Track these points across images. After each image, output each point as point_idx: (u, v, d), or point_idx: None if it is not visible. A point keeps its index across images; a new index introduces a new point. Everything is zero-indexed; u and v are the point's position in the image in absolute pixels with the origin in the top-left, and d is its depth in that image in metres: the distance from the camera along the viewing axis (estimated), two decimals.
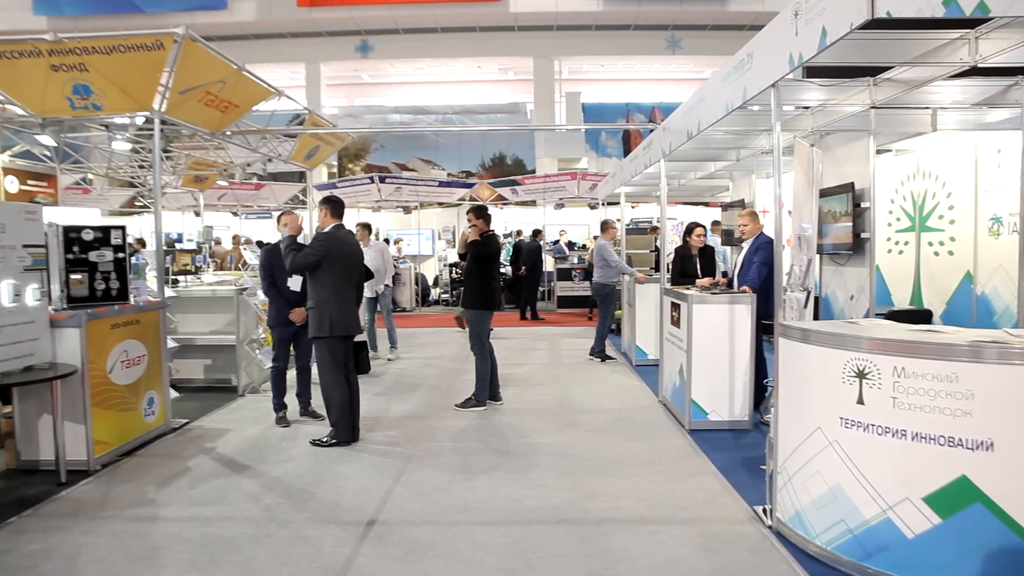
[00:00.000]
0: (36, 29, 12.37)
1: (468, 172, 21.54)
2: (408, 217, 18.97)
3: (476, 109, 22.20)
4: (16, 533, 4.11)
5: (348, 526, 4.15)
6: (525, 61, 21.34)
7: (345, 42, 20.78)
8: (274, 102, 8.01)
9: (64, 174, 9.93)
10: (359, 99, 23.76)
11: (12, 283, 4.74)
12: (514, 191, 17.14)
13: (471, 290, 6.87)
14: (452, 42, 20.72)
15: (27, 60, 6.18)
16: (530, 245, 15.32)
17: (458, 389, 7.79)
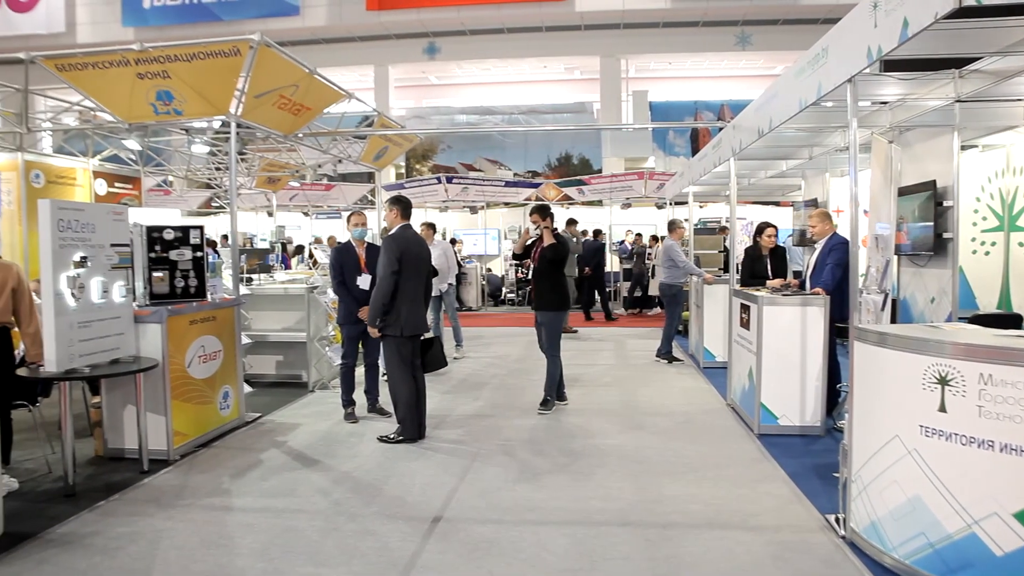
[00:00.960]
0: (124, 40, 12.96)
1: (534, 172, 21.54)
2: (474, 217, 19.11)
3: (542, 109, 22.18)
4: (104, 516, 4.33)
5: (414, 522, 4.20)
6: (591, 60, 21.21)
7: (413, 44, 21.05)
8: (344, 104, 8.18)
9: (147, 176, 10.38)
10: (426, 100, 24.04)
11: (101, 280, 4.99)
12: (580, 191, 17.07)
13: (546, 291, 6.71)
14: (518, 42, 20.75)
15: (116, 69, 6.49)
16: (592, 245, 15.22)
17: (524, 388, 7.82)
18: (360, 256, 6.53)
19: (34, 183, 7.62)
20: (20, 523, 4.19)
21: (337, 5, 19.84)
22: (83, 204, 6.74)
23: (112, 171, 9.15)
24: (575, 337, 12.01)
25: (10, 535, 4.03)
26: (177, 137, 10.26)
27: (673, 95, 22.33)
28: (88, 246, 4.90)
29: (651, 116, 20.58)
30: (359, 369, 6.78)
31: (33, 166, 7.70)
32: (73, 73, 6.70)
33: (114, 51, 6.42)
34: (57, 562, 3.73)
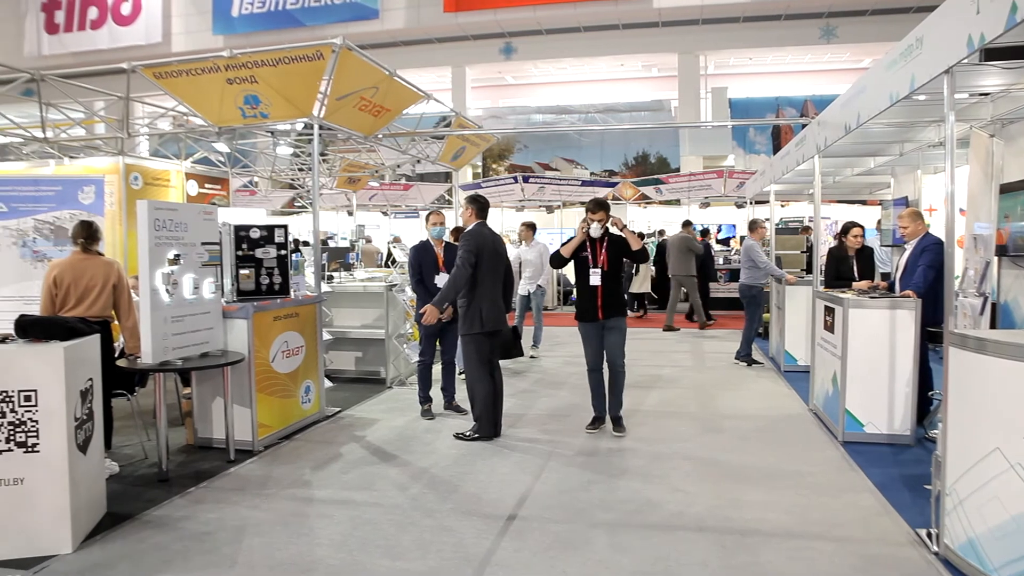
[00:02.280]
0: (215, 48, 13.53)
1: (611, 171, 21.38)
2: (551, 216, 19.10)
3: (619, 107, 22.00)
4: (195, 502, 4.53)
5: (489, 519, 4.23)
6: (669, 57, 20.89)
7: (489, 45, 21.21)
8: (423, 105, 8.31)
9: (235, 178, 10.80)
10: (503, 100, 24.18)
11: (193, 277, 5.22)
12: (658, 190, 16.84)
13: (617, 294, 6.02)
14: (595, 41, 20.62)
15: (207, 76, 6.77)
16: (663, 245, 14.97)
17: None
18: (438, 255, 6.62)
19: (133, 185, 8.03)
20: (121, 504, 4.44)
21: (415, 8, 20.18)
22: (177, 204, 7.08)
23: (202, 173, 9.55)
24: (651, 337, 11.84)
25: (112, 515, 4.29)
26: (263, 139, 10.64)
27: (753, 91, 21.78)
28: (181, 244, 5.14)
29: (731, 113, 20.13)
30: (436, 366, 6.87)
31: (132, 169, 8.12)
32: (169, 80, 7.03)
33: (205, 58, 6.70)
34: (153, 542, 3.93)
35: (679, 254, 12.74)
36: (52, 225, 6.41)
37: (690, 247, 12.67)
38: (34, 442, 3.72)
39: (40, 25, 22.49)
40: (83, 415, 4.00)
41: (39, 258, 6.34)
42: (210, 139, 9.15)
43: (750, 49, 20.63)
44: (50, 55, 22.10)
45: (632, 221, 19.31)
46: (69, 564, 3.69)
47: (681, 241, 12.79)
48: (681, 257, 12.63)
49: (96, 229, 5.25)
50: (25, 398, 3.71)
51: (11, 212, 6.12)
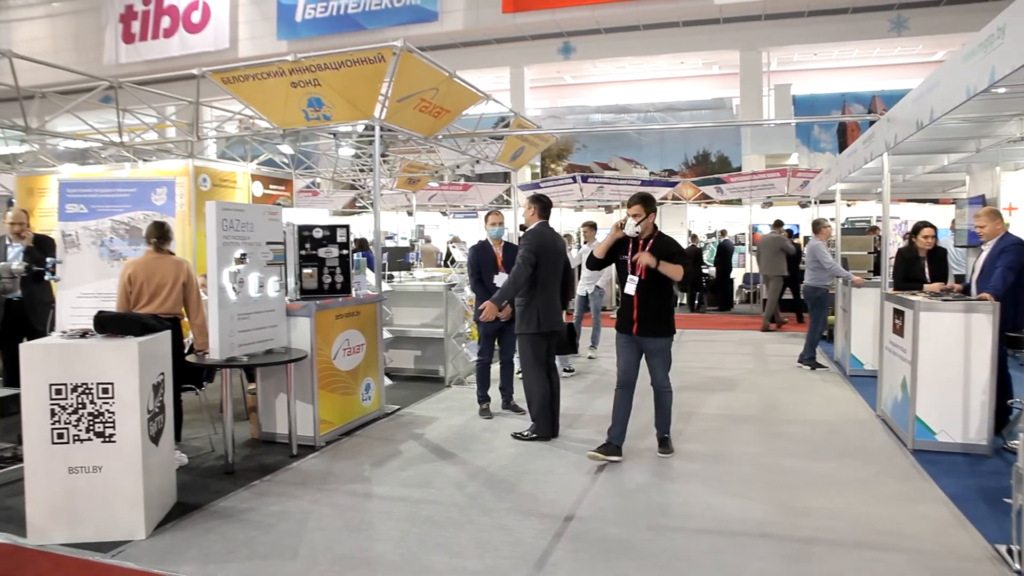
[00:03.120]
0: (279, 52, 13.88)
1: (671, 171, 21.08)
2: (610, 216, 18.96)
3: (679, 106, 21.68)
4: (259, 495, 4.65)
5: (546, 519, 4.22)
6: (731, 54, 20.48)
7: (548, 45, 21.17)
8: (481, 106, 8.35)
9: (298, 179, 11.05)
10: (561, 100, 24.11)
11: (258, 276, 5.36)
12: (719, 189, 16.55)
13: (658, 309, 5.28)
14: (654, 39, 20.37)
15: (272, 80, 6.94)
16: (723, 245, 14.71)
17: None
18: (497, 255, 6.65)
19: (201, 186, 8.29)
20: (189, 495, 4.60)
21: (474, 9, 20.29)
22: (243, 205, 7.28)
23: (267, 174, 9.79)
24: (712, 339, 11.64)
25: (182, 504, 4.46)
26: (325, 141, 10.87)
27: (818, 88, 21.19)
28: (247, 244, 5.28)
29: (794, 111, 19.62)
30: (494, 366, 6.89)
31: (201, 171, 8.38)
32: (236, 85, 7.24)
33: (271, 63, 6.87)
34: (220, 532, 4.06)
35: (771, 254, 12.52)
36: (127, 225, 6.66)
37: (782, 247, 12.47)
38: (111, 432, 3.89)
39: (118, 35, 23.44)
40: (155, 408, 4.15)
41: (115, 257, 6.59)
42: (275, 141, 9.38)
43: (815, 44, 20.04)
44: (126, 63, 23.00)
45: (692, 221, 19.03)
46: (143, 549, 3.83)
47: (774, 241, 12.63)
48: (773, 257, 12.44)
49: (168, 229, 5.44)
50: (103, 390, 3.87)
51: (91, 213, 6.38)
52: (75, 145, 10.13)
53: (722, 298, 16.27)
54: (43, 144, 10.01)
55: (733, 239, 17.60)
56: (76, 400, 3.85)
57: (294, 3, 21.45)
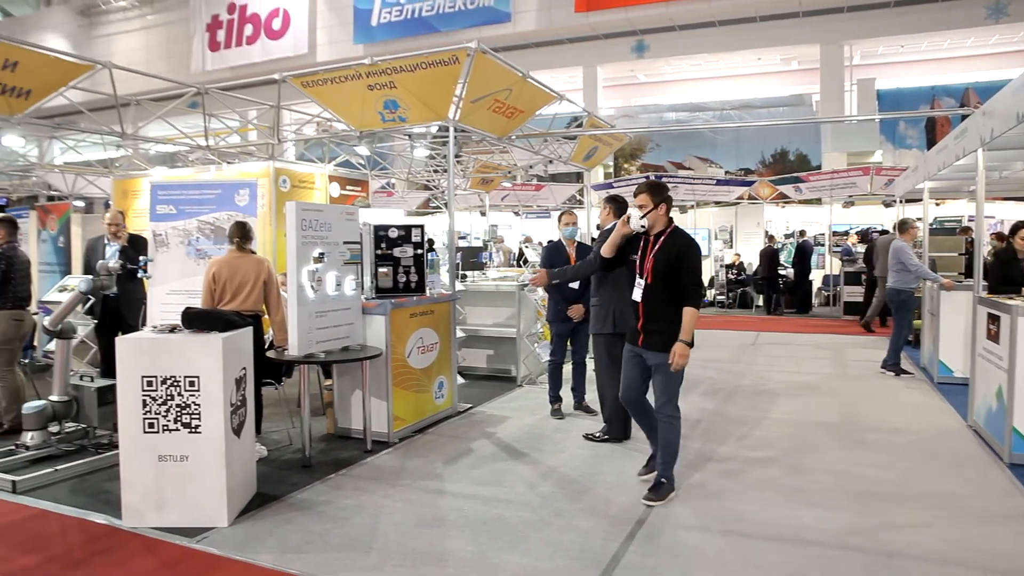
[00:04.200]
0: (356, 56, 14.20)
1: (747, 170, 20.59)
2: (684, 216, 18.67)
3: (756, 103, 21.15)
4: (334, 488, 4.77)
5: (618, 522, 4.18)
6: (811, 49, 19.81)
7: (621, 43, 20.97)
8: (555, 106, 8.34)
9: (373, 179, 11.28)
10: (635, 99, 23.86)
11: (335, 274, 5.50)
12: (797, 188, 16.08)
13: (665, 317, 4.49)
14: (730, 35, 19.91)
15: (350, 83, 7.11)
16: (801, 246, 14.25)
17: (734, 395, 7.51)
18: (570, 255, 6.62)
19: (281, 187, 8.56)
20: (268, 486, 4.75)
21: (546, 9, 20.28)
22: (321, 205, 7.47)
23: (344, 175, 10.03)
24: (788, 342, 11.32)
25: (261, 495, 4.61)
26: (399, 142, 11.05)
27: (905, 81, 20.27)
28: (325, 243, 5.42)
29: (879, 106, 18.83)
30: (567, 366, 6.87)
31: (281, 172, 8.65)
32: (315, 88, 7.45)
33: (348, 67, 7.04)
34: (298, 523, 4.17)
35: (887, 256, 12.14)
36: (212, 225, 6.93)
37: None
38: (197, 423, 4.05)
39: (205, 44, 24.44)
40: (237, 401, 4.30)
41: (201, 256, 6.87)
42: (351, 143, 9.60)
43: (902, 36, 19.15)
44: (212, 70, 23.96)
45: (769, 221, 18.54)
46: (225, 536, 3.98)
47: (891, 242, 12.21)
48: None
49: (249, 229, 5.63)
50: (190, 383, 4.04)
51: (179, 214, 6.67)
52: (165, 149, 10.62)
53: (800, 300, 15.79)
54: (136, 148, 10.54)
55: (812, 239, 17.07)
56: (165, 392, 4.03)
57: (370, 7, 21.90)
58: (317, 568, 3.61)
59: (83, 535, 4.08)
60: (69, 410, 5.42)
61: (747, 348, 10.84)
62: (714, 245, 18.57)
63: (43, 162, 11.31)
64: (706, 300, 17.17)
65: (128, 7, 26.02)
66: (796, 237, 17.14)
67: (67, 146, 11.46)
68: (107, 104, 7.63)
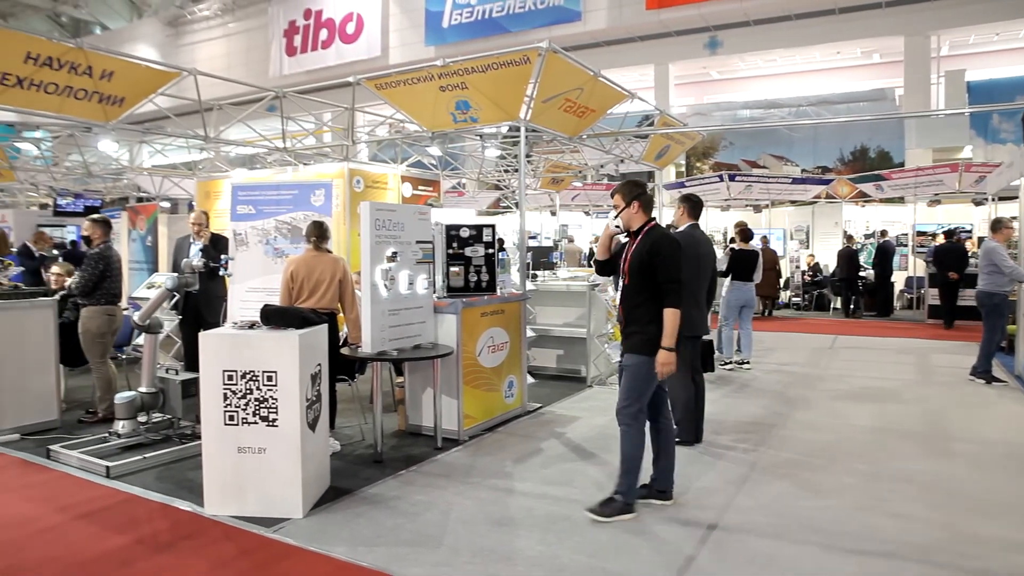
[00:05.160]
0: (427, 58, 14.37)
1: (824, 167, 19.89)
2: (758, 216, 18.22)
3: (834, 99, 20.40)
4: (405, 484, 4.84)
5: (689, 526, 4.11)
6: (894, 41, 18.98)
7: (693, 40, 20.58)
8: (626, 104, 8.26)
9: (445, 179, 11.40)
10: (707, 97, 23.40)
11: (408, 273, 5.58)
12: (878, 187, 15.47)
13: (639, 320, 4.33)
14: (807, 29, 19.27)
15: (422, 85, 7.21)
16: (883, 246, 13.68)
17: (809, 400, 7.29)
18: None
19: (355, 188, 8.74)
20: (341, 480, 4.85)
21: (617, 7, 20.09)
22: (395, 205, 7.59)
23: (416, 175, 10.16)
24: (868, 347, 10.90)
25: (334, 488, 4.71)
26: (470, 143, 11.14)
27: (1000, 71, 19.19)
28: (398, 243, 5.50)
29: (968, 99, 17.89)
30: None
31: (355, 173, 8.83)
32: (388, 90, 7.58)
33: (420, 68, 7.14)
34: (370, 517, 4.25)
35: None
36: (289, 225, 7.13)
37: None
38: (274, 417, 4.17)
39: (282, 49, 25.19)
40: (312, 396, 4.40)
41: (278, 255, 7.08)
42: (424, 144, 9.73)
43: (998, 23, 18.09)
44: (289, 74, 24.65)
45: (848, 221, 17.90)
46: (300, 528, 4.09)
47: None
48: None
49: (326, 229, 5.77)
50: (268, 378, 4.16)
51: (258, 214, 6.88)
52: (244, 151, 10.99)
53: (881, 303, 15.18)
54: (218, 151, 10.94)
55: (894, 240, 16.39)
56: (244, 386, 4.17)
57: (441, 10, 22.15)
58: (388, 562, 3.67)
59: (168, 520, 4.26)
60: (156, 401, 5.67)
61: (824, 352, 10.50)
62: (789, 245, 18.05)
63: (133, 165, 11.87)
64: (780, 302, 16.70)
65: (211, 16, 27.05)
66: (877, 237, 16.48)
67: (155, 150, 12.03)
68: (192, 109, 7.95)
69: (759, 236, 13.83)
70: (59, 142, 11.72)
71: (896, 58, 19.31)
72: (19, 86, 5.93)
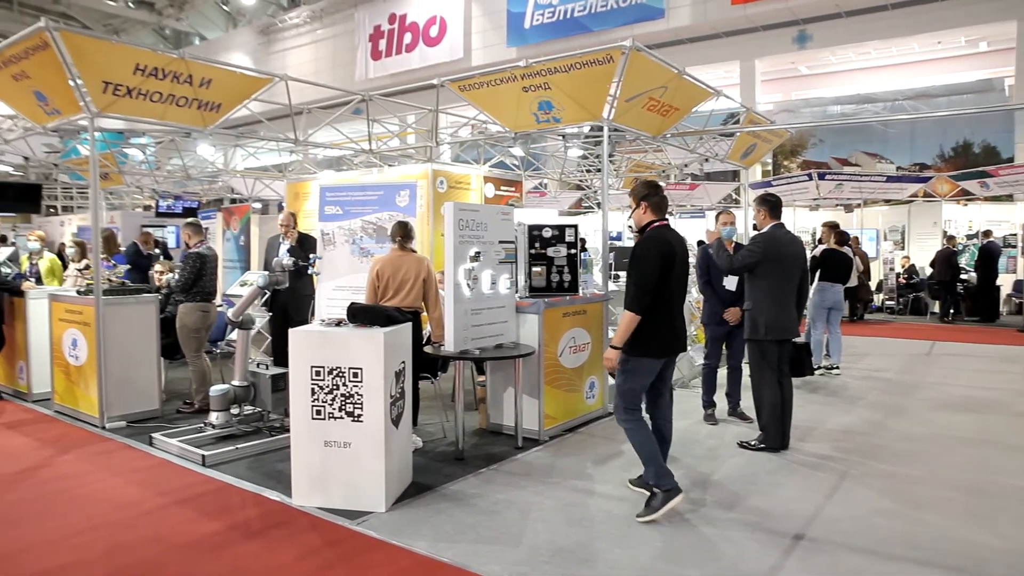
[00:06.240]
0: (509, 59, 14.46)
1: (922, 164, 18.98)
2: (849, 216, 17.50)
3: (934, 92, 19.40)
4: (485, 482, 4.87)
5: (774, 536, 3.99)
6: (1004, 27, 17.77)
7: (781, 35, 19.94)
8: (711, 102, 8.08)
9: (527, 180, 11.43)
10: (796, 93, 22.64)
11: (490, 273, 5.62)
12: (983, 184, 14.62)
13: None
14: (905, 18, 18.33)
15: (505, 86, 7.25)
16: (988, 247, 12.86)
17: (904, 408, 6.97)
18: None
19: (439, 188, 8.86)
20: (423, 476, 4.93)
21: (701, 3, 19.67)
22: (478, 205, 7.67)
23: (498, 176, 10.24)
24: (969, 354, 10.31)
25: (416, 484, 4.80)
26: (552, 143, 11.13)
27: None
28: (481, 243, 5.54)
29: None
30: (721, 371, 6.64)
31: (438, 174, 8.96)
32: (471, 92, 7.65)
33: (503, 69, 7.18)
34: (450, 514, 4.30)
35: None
36: (375, 225, 7.29)
37: None
38: (359, 413, 4.27)
39: (367, 54, 25.82)
40: (396, 393, 4.49)
41: (364, 254, 7.25)
42: (506, 144, 9.78)
43: None
44: (374, 78, 25.24)
45: (949, 221, 16.98)
46: (383, 521, 4.17)
47: None
48: None
49: (411, 229, 5.88)
50: (353, 374, 4.26)
51: (345, 214, 7.07)
52: (332, 153, 11.32)
53: (984, 308, 14.33)
54: (306, 153, 11.31)
55: (1001, 241, 15.44)
56: (331, 382, 4.28)
57: (523, 11, 22.22)
58: (468, 558, 3.70)
59: (259, 508, 4.42)
60: (248, 394, 5.90)
61: (920, 358, 10.00)
62: (883, 247, 17.26)
63: (228, 168, 12.41)
64: (873, 306, 16.00)
65: (300, 24, 27.98)
66: (980, 238, 15.57)
67: (248, 153, 12.52)
68: (282, 113, 8.25)
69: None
70: (162, 147, 12.38)
71: (1006, 45, 18.09)
72: (128, 96, 6.29)
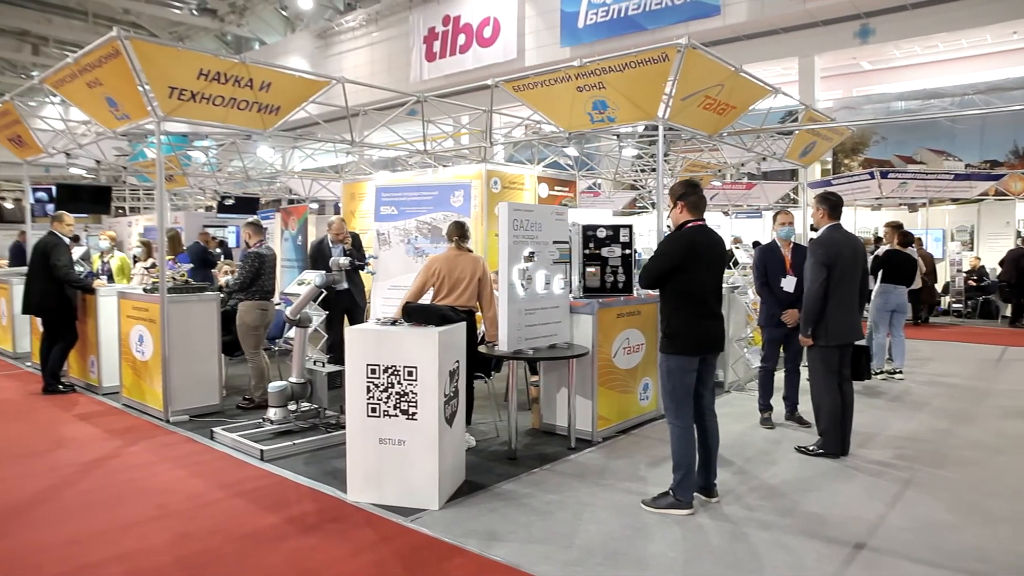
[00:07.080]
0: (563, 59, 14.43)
1: (993, 162, 18.21)
2: (913, 216, 16.94)
3: (1007, 85, 18.59)
4: (537, 483, 4.87)
5: (832, 544, 3.89)
6: None
7: (842, 29, 19.38)
8: (769, 100, 7.93)
9: (581, 180, 11.39)
10: (857, 89, 22.01)
11: (545, 273, 5.62)
12: None
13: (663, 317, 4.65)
14: (976, 9, 17.56)
15: (559, 86, 7.23)
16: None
17: (971, 415, 6.72)
18: (785, 257, 6.28)
19: (492, 189, 8.90)
20: (476, 474, 4.96)
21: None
22: (532, 206, 7.67)
23: (552, 176, 10.22)
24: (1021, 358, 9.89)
25: (469, 482, 4.83)
26: (606, 143, 11.07)
27: None
28: (535, 243, 5.55)
29: None
30: (779, 374, 6.50)
31: (492, 174, 8.99)
32: (525, 92, 7.66)
33: (557, 69, 7.17)
34: (503, 513, 4.32)
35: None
36: (429, 225, 7.38)
37: None
38: (414, 411, 4.32)
39: (422, 55, 26.08)
40: (450, 392, 4.52)
41: (419, 254, 7.34)
42: (560, 144, 9.77)
43: None
44: (428, 79, 25.47)
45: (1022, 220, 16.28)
46: (436, 519, 4.21)
47: None
48: None
49: (467, 228, 5.92)
50: (408, 373, 4.31)
51: (400, 214, 7.18)
52: (387, 154, 11.47)
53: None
54: (362, 154, 11.49)
55: None
56: (386, 380, 4.34)
57: (576, 10, 22.12)
58: (520, 558, 3.70)
59: (315, 504, 4.51)
60: (305, 391, 6.03)
61: (990, 364, 9.62)
62: (950, 247, 16.65)
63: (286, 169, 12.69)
64: (939, 309, 15.45)
65: (356, 27, 28.43)
66: None
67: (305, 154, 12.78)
68: (339, 115, 8.39)
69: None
70: (223, 150, 12.73)
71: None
72: (192, 100, 6.49)
